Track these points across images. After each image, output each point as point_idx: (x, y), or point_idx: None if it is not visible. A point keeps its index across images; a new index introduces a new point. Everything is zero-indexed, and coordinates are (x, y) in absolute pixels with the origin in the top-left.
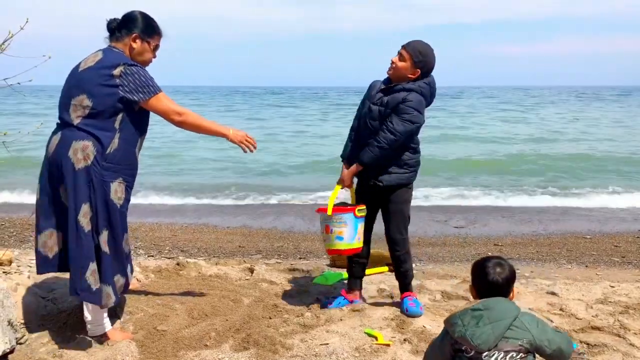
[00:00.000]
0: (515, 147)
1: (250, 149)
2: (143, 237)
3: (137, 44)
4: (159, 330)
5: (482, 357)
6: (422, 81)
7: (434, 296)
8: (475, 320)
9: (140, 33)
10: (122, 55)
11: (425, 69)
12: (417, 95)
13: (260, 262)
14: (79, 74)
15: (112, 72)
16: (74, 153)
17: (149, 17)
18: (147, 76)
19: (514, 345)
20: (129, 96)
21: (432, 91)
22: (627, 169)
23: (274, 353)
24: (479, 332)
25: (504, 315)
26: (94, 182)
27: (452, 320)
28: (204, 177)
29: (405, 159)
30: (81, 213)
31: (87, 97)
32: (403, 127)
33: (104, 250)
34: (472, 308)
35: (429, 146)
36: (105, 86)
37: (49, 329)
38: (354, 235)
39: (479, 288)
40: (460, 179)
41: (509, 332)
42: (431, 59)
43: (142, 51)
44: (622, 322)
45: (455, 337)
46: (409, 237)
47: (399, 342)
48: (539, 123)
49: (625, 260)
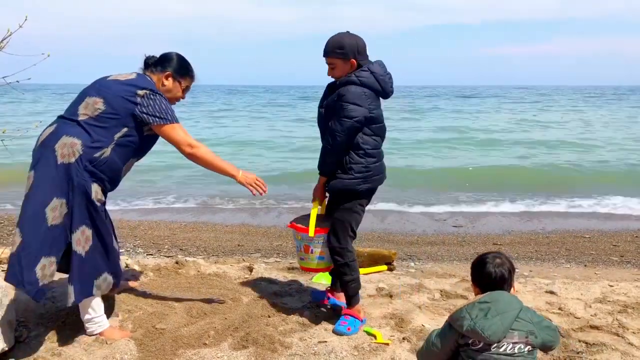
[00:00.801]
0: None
1: (260, 191)
2: (142, 235)
3: (169, 81)
4: (158, 329)
5: (490, 348)
6: (361, 69)
7: (433, 295)
8: (483, 313)
9: (173, 72)
10: (152, 84)
11: (356, 54)
12: (353, 87)
13: (259, 261)
14: (105, 81)
15: (136, 92)
16: (61, 147)
17: (185, 60)
18: (167, 105)
19: (521, 337)
20: (144, 117)
21: (380, 78)
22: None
23: (273, 352)
24: (489, 324)
25: (510, 307)
26: (73, 181)
27: (459, 315)
28: (203, 176)
29: (350, 163)
30: (50, 206)
31: (103, 102)
32: (339, 125)
33: (76, 249)
34: (479, 301)
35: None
36: (125, 100)
37: (48, 327)
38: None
39: (480, 283)
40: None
41: (516, 324)
42: (351, 42)
43: (173, 89)
44: (620, 321)
45: (464, 330)
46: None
47: (397, 340)
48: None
49: (624, 260)
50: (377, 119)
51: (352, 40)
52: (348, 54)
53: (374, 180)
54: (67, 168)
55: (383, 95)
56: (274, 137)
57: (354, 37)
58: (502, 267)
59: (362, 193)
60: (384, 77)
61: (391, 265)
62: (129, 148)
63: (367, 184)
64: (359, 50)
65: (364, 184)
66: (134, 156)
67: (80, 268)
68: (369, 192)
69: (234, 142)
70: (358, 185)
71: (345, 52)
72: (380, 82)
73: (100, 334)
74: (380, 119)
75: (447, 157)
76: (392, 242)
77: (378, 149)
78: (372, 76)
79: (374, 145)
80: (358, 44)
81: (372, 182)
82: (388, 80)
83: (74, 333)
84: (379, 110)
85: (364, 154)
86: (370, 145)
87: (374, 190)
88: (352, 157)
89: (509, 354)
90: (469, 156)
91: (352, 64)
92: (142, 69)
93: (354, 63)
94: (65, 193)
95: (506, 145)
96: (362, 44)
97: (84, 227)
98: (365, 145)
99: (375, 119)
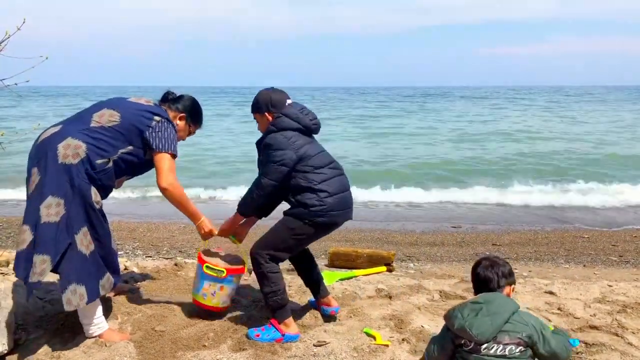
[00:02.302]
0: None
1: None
2: (141, 237)
3: (182, 123)
4: (157, 331)
5: (481, 349)
6: (276, 117)
7: (432, 296)
8: (474, 313)
9: (188, 115)
10: (168, 116)
11: (269, 107)
12: (272, 135)
13: None
14: (125, 100)
15: (154, 117)
16: (64, 147)
17: (200, 107)
18: (174, 137)
19: (513, 339)
20: (150, 139)
21: (294, 116)
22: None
23: (272, 353)
24: (478, 323)
25: (503, 308)
26: (74, 182)
27: (452, 314)
28: (202, 176)
29: (305, 200)
30: (44, 203)
31: (119, 116)
32: (265, 169)
33: (80, 250)
34: (472, 301)
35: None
36: (141, 120)
37: (47, 330)
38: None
39: (474, 284)
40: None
41: (508, 326)
42: (265, 98)
43: (181, 130)
44: (620, 321)
45: (455, 329)
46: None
47: (397, 341)
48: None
49: (623, 260)
50: (310, 155)
51: (266, 96)
52: (262, 108)
53: (331, 215)
54: (68, 169)
55: (306, 131)
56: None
57: (269, 92)
58: (489, 270)
59: (314, 224)
60: (297, 115)
61: (390, 266)
62: (127, 165)
63: (324, 218)
64: (272, 103)
65: (320, 218)
66: (128, 174)
67: (85, 268)
68: (323, 226)
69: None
70: (312, 217)
71: (259, 107)
72: (297, 120)
73: (100, 336)
74: (312, 154)
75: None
76: (391, 243)
77: (329, 181)
78: (287, 118)
79: (321, 179)
80: (272, 98)
81: (330, 217)
82: (304, 116)
83: (73, 336)
84: (310, 145)
85: (313, 190)
86: (317, 180)
87: (332, 225)
88: (303, 197)
89: (500, 355)
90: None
91: (268, 118)
92: (160, 101)
93: (268, 116)
94: (64, 193)
95: (507, 145)
96: (276, 98)
97: (85, 229)
98: (312, 183)
99: (307, 156)
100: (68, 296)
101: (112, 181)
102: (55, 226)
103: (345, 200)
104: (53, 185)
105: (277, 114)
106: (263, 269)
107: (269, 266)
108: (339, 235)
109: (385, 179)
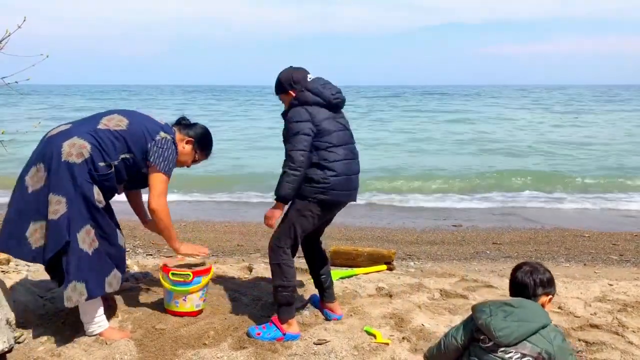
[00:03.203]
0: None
1: (201, 254)
2: (142, 236)
3: (188, 147)
4: (158, 329)
5: (498, 351)
6: (298, 91)
7: (433, 294)
8: (503, 314)
9: (196, 141)
10: (175, 135)
11: (292, 85)
12: (293, 109)
13: (259, 261)
14: (137, 112)
15: (160, 132)
16: (69, 146)
17: (210, 138)
18: (173, 159)
19: (534, 352)
20: (150, 152)
21: (316, 90)
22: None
23: (272, 352)
24: (503, 326)
25: (533, 318)
26: (77, 181)
27: (481, 308)
28: (201, 175)
29: (310, 175)
30: (48, 201)
31: (127, 123)
32: (291, 144)
33: (82, 247)
34: (505, 302)
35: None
36: (147, 132)
37: (47, 328)
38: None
39: (511, 288)
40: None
41: (533, 337)
42: (286, 77)
43: (186, 154)
44: (620, 320)
45: (479, 323)
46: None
47: (397, 340)
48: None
49: (623, 259)
50: (328, 130)
51: (287, 75)
52: (285, 87)
53: (333, 194)
54: (71, 167)
55: (328, 105)
56: (272, 135)
57: (290, 71)
58: (528, 275)
59: (317, 201)
60: (319, 89)
61: (391, 264)
62: (127, 171)
63: (325, 195)
64: (294, 81)
65: (322, 195)
66: (128, 181)
67: (87, 266)
68: (325, 204)
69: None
70: (314, 194)
71: (283, 87)
72: (318, 94)
73: (100, 334)
74: (331, 130)
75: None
76: (391, 242)
77: (339, 162)
78: (308, 92)
79: (333, 158)
80: (293, 75)
81: (332, 195)
82: (326, 90)
83: (73, 334)
84: (330, 121)
85: (321, 167)
86: (329, 159)
87: (334, 204)
88: (310, 171)
89: None
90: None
91: (292, 94)
92: (173, 124)
93: (292, 94)
94: (66, 192)
95: (506, 144)
96: (297, 75)
97: (88, 227)
98: (323, 160)
99: (325, 131)
100: (68, 293)
101: (115, 185)
102: (54, 224)
103: (350, 181)
104: (55, 183)
105: (300, 89)
106: (280, 260)
107: (285, 258)
108: (339, 233)
109: (385, 179)
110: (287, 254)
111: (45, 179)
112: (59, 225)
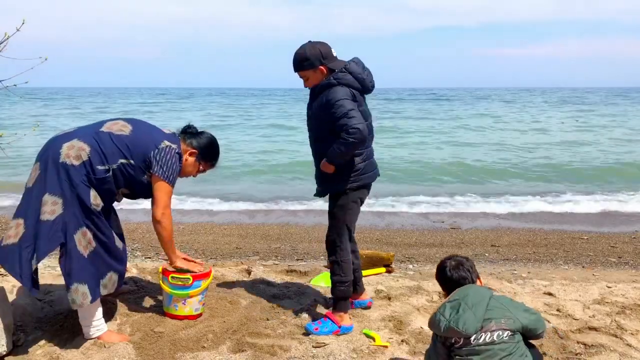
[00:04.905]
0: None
1: (197, 268)
2: (140, 238)
3: (192, 158)
4: (156, 332)
5: (471, 342)
6: (339, 71)
7: (431, 297)
8: (455, 310)
9: (200, 153)
10: (180, 146)
11: (322, 60)
12: (335, 87)
13: (257, 264)
14: (142, 121)
15: (164, 141)
16: (69, 148)
17: (216, 148)
18: (176, 169)
19: (498, 324)
20: (153, 161)
21: (359, 76)
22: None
23: (271, 355)
24: (463, 318)
25: (480, 298)
26: (73, 183)
27: (434, 319)
28: (202, 178)
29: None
30: (42, 201)
31: (130, 130)
32: (348, 120)
33: (79, 249)
34: (449, 301)
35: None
36: (150, 140)
37: (46, 331)
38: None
39: (447, 286)
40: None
41: (489, 313)
42: (314, 52)
43: (190, 166)
44: (619, 323)
45: (442, 332)
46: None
47: (396, 343)
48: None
49: (621, 261)
50: (365, 118)
51: (314, 50)
52: (314, 62)
53: (362, 178)
54: (67, 169)
55: (363, 91)
56: (272, 137)
57: (316, 45)
58: (459, 270)
59: (353, 189)
60: (361, 74)
61: (389, 267)
62: (125, 178)
63: (357, 182)
64: (324, 55)
65: (354, 183)
66: (127, 188)
67: (84, 268)
68: (360, 189)
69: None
70: (347, 185)
71: (311, 62)
72: (359, 80)
73: (99, 337)
74: (367, 117)
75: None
76: (390, 245)
77: (367, 148)
78: (350, 75)
79: (365, 145)
80: (321, 50)
81: (362, 179)
82: (366, 77)
83: (72, 337)
84: (363, 107)
85: (355, 154)
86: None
87: (367, 186)
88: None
89: (489, 342)
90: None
91: (322, 70)
92: (180, 132)
93: (323, 69)
94: (62, 193)
95: (506, 145)
96: (325, 50)
97: (84, 229)
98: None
99: (363, 118)
100: (72, 295)
101: (113, 189)
102: (50, 224)
103: (372, 164)
104: (51, 183)
105: (334, 67)
106: (337, 257)
107: (342, 255)
108: None
109: (386, 179)
110: (344, 249)
111: (42, 179)
112: (54, 225)
